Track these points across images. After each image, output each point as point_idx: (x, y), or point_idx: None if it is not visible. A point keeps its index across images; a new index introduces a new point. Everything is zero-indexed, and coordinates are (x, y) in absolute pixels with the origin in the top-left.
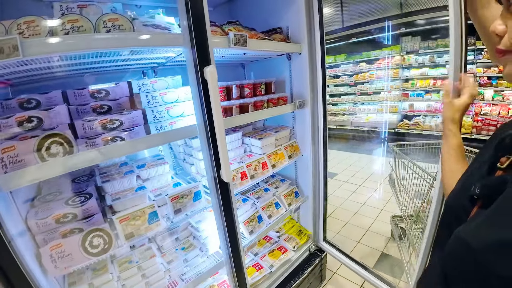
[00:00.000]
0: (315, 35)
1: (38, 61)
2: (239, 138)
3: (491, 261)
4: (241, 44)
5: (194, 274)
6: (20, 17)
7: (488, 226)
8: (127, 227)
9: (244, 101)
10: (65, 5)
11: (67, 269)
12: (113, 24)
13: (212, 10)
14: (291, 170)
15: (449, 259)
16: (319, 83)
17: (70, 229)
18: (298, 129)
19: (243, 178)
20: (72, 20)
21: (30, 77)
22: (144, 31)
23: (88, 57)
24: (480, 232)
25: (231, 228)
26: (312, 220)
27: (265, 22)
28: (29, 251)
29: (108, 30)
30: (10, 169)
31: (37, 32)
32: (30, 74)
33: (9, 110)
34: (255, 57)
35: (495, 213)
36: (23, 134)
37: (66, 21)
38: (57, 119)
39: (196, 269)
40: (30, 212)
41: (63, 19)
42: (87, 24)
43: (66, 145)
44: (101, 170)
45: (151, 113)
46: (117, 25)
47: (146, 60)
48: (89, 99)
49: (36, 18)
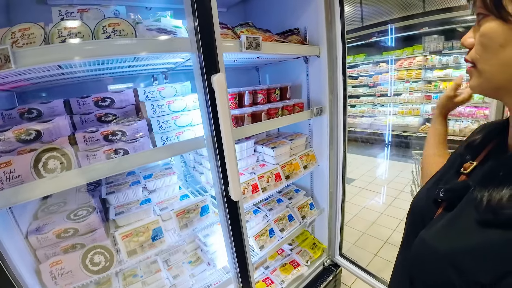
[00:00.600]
0: (336, 36)
1: (41, 69)
2: (251, 146)
3: (460, 265)
4: (254, 48)
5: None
6: (15, 25)
7: (452, 229)
8: (130, 243)
9: (256, 108)
10: (65, 10)
11: (68, 286)
12: (114, 30)
13: (225, 11)
14: (306, 179)
15: (415, 262)
16: (339, 88)
17: (72, 244)
18: (315, 137)
19: (254, 191)
20: (70, 27)
21: (37, 84)
22: (148, 36)
23: (92, 64)
24: (445, 235)
25: (239, 247)
26: (328, 233)
27: (281, 23)
28: (29, 267)
29: (108, 36)
30: (6, 186)
31: (32, 40)
32: (36, 82)
33: (9, 120)
34: (270, 60)
35: (457, 216)
36: (22, 147)
37: (63, 28)
38: (56, 131)
39: (203, 282)
40: (32, 225)
41: (59, 26)
42: (86, 30)
43: (64, 160)
44: (108, 179)
45: (156, 123)
46: (118, 30)
47: (154, 66)
48: (93, 108)
49: (31, 25)
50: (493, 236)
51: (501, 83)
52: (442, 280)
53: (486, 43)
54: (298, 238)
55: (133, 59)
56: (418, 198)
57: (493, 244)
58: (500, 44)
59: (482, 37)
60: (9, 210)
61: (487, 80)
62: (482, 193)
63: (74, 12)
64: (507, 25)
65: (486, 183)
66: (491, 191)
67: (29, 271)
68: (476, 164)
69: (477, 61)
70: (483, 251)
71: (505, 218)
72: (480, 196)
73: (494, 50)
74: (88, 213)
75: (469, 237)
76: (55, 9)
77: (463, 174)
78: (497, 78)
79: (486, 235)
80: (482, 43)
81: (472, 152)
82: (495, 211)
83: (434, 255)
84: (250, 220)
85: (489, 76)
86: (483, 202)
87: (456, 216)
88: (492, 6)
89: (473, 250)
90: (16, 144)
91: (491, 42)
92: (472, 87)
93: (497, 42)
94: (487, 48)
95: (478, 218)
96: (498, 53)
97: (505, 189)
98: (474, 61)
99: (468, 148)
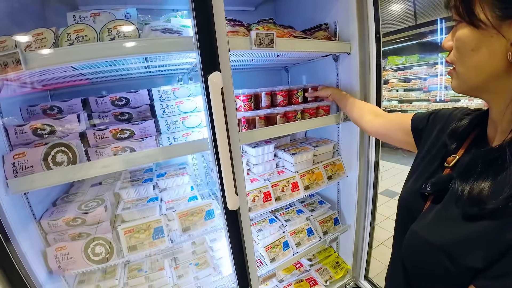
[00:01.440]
0: (368, 31)
1: (63, 69)
2: (271, 150)
3: (451, 254)
4: (266, 45)
5: None
6: (31, 30)
7: (441, 221)
8: (131, 239)
9: (271, 111)
10: (78, 14)
11: (69, 271)
12: (118, 31)
13: (253, 10)
14: (333, 191)
15: (408, 253)
16: (372, 89)
17: (79, 233)
18: (344, 145)
19: (266, 199)
20: (78, 30)
21: (68, 84)
22: (151, 36)
23: (106, 65)
24: (436, 227)
25: (239, 258)
26: (353, 253)
27: (310, 19)
28: (37, 249)
29: (112, 38)
30: (20, 174)
31: (43, 44)
32: (65, 81)
33: (33, 115)
34: (296, 59)
35: (444, 209)
36: (38, 140)
37: (71, 31)
38: (68, 127)
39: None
40: (48, 211)
41: (68, 29)
42: (92, 33)
43: (71, 154)
44: (127, 174)
45: (165, 123)
46: (123, 32)
47: (175, 67)
48: (110, 107)
49: (45, 30)
50: (481, 226)
51: (476, 83)
52: (435, 268)
53: (460, 47)
54: (320, 254)
55: (143, 60)
56: (405, 193)
57: (482, 233)
58: (472, 48)
59: (457, 42)
60: (24, 196)
61: (464, 82)
62: (463, 185)
63: (87, 17)
64: (479, 31)
65: (466, 176)
66: (471, 184)
67: (36, 253)
68: (458, 157)
69: (455, 63)
70: (473, 240)
71: (488, 212)
72: (461, 189)
73: (467, 54)
74: (96, 205)
75: (459, 228)
76: (69, 14)
77: (447, 168)
78: (472, 79)
79: (475, 226)
80: (457, 47)
81: (457, 140)
82: (478, 204)
83: (427, 246)
84: (264, 229)
85: (465, 77)
86: (465, 194)
87: (444, 208)
88: (465, 13)
89: (464, 240)
90: (33, 138)
91: (465, 46)
92: (454, 87)
93: (470, 46)
94: (461, 52)
95: (464, 210)
96: (471, 56)
97: (484, 182)
98: (453, 63)
99: (452, 136)
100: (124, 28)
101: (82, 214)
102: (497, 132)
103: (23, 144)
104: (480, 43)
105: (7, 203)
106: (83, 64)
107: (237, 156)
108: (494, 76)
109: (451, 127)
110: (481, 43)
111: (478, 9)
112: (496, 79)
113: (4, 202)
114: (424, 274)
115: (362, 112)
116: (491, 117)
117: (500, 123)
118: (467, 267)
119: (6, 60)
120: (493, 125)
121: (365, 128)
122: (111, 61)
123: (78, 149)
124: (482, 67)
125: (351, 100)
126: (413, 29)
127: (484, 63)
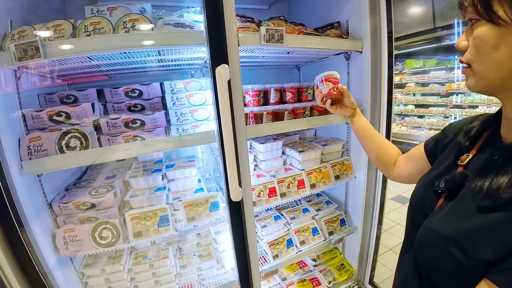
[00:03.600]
0: (381, 30)
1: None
2: (279, 147)
3: (463, 245)
4: (276, 41)
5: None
6: (50, 21)
7: (455, 216)
8: (137, 225)
9: (279, 107)
10: (96, 8)
11: (76, 252)
12: (133, 25)
13: (266, 8)
14: (340, 191)
15: (420, 248)
16: (383, 89)
17: (87, 216)
18: (353, 145)
19: (271, 195)
20: (95, 22)
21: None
22: (164, 30)
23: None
24: (449, 221)
25: (241, 251)
26: (359, 256)
27: (323, 18)
28: (46, 230)
29: (127, 31)
30: (34, 157)
31: (62, 34)
32: (82, 73)
33: (51, 103)
34: (308, 57)
35: (459, 204)
36: (54, 126)
37: (88, 24)
38: (83, 115)
39: (212, 280)
40: (60, 194)
41: (86, 22)
42: (108, 26)
43: (84, 140)
44: (138, 164)
45: (174, 115)
46: (137, 25)
47: (188, 61)
48: (124, 98)
49: (64, 21)
50: (495, 218)
51: (494, 81)
52: (448, 262)
53: (479, 45)
54: (325, 255)
55: (156, 53)
56: (418, 191)
57: (496, 224)
58: (492, 45)
59: (476, 40)
60: (37, 178)
61: (482, 79)
62: (481, 181)
63: (104, 10)
64: (498, 28)
65: (484, 172)
66: (491, 179)
67: (45, 233)
68: (471, 156)
69: (471, 62)
70: (487, 231)
71: (504, 202)
72: (480, 185)
73: (487, 51)
74: (106, 191)
75: (472, 220)
76: (87, 8)
77: (461, 166)
78: (491, 76)
79: (489, 218)
80: (475, 45)
81: (470, 139)
82: (494, 197)
83: (440, 239)
84: (268, 225)
85: (484, 75)
86: (483, 189)
87: (458, 204)
88: (484, 11)
89: (478, 231)
90: (49, 123)
91: (484, 44)
92: (470, 86)
93: (489, 44)
94: (481, 50)
95: (479, 204)
96: (490, 54)
97: (504, 176)
98: (469, 62)
99: (466, 136)
100: (139, 21)
101: (92, 199)
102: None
103: (39, 129)
104: (500, 40)
105: (21, 184)
106: (98, 55)
107: (242, 148)
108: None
109: (465, 128)
110: (501, 40)
111: (497, 6)
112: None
113: (18, 183)
114: (436, 269)
115: (386, 159)
116: (506, 116)
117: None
118: (479, 259)
119: (25, 48)
120: (508, 123)
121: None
122: (125, 53)
123: (91, 136)
124: (502, 64)
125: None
126: (431, 32)
127: (504, 59)
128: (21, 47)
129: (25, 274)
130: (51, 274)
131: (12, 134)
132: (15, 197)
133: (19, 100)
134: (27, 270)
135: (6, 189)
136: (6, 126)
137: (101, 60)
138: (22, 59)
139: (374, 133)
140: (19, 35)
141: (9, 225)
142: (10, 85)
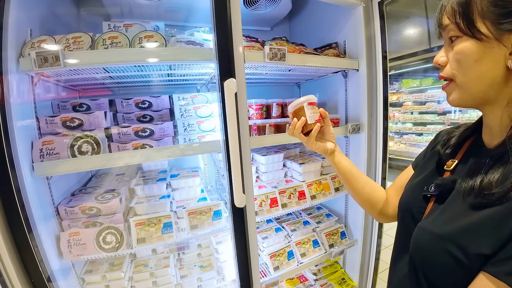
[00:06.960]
0: (376, 49)
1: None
2: (280, 160)
3: (461, 243)
4: (278, 59)
5: None
6: (70, 33)
7: (448, 215)
8: (141, 231)
9: (281, 120)
10: (113, 24)
11: (79, 256)
12: (148, 41)
13: (269, 30)
14: (340, 204)
15: (417, 250)
16: (379, 105)
17: (93, 221)
18: (352, 158)
19: (272, 205)
20: (113, 36)
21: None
22: (177, 46)
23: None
24: (443, 221)
25: (243, 259)
26: (359, 270)
27: (322, 39)
28: (51, 232)
29: (142, 46)
30: (46, 159)
31: (81, 46)
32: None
33: (64, 110)
34: (308, 75)
35: (450, 205)
36: (66, 131)
37: (107, 38)
38: (95, 122)
39: None
40: (66, 199)
41: (104, 36)
42: (124, 40)
43: (95, 146)
44: (143, 173)
45: (182, 125)
46: (152, 41)
47: (195, 76)
48: (134, 109)
49: (83, 34)
50: (489, 213)
51: (478, 93)
52: (447, 261)
53: (462, 59)
54: (326, 269)
55: (168, 67)
56: (404, 196)
57: (489, 219)
58: (475, 59)
59: (458, 55)
60: (46, 181)
61: (466, 92)
62: (471, 181)
63: (120, 26)
64: (481, 43)
65: (473, 174)
66: (481, 178)
67: (50, 236)
68: (457, 161)
69: (454, 76)
70: (481, 226)
71: (496, 198)
72: (471, 184)
73: (470, 65)
74: (112, 197)
75: (467, 219)
76: (105, 23)
77: (447, 171)
78: (474, 89)
79: (482, 214)
80: (458, 60)
81: (452, 147)
82: (486, 194)
83: (436, 239)
84: (269, 237)
85: (467, 88)
86: (475, 188)
87: (450, 205)
88: (466, 28)
89: (473, 228)
90: (62, 129)
91: (468, 58)
92: (453, 100)
93: (472, 58)
94: (464, 64)
95: (472, 203)
96: (474, 67)
97: (494, 174)
98: (451, 77)
99: (446, 145)
100: (153, 38)
101: (98, 204)
102: (494, 136)
103: (51, 133)
104: (482, 54)
105: (31, 186)
106: (114, 67)
107: (246, 157)
108: (494, 84)
109: (444, 137)
110: (484, 54)
111: (480, 24)
112: (496, 86)
113: (29, 184)
114: (435, 270)
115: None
116: (487, 123)
117: (498, 126)
118: (476, 254)
119: (46, 56)
120: (489, 130)
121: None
122: (139, 67)
123: (102, 142)
124: (484, 77)
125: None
126: (428, 52)
127: (486, 72)
128: (42, 54)
129: (28, 276)
130: (53, 277)
131: (26, 137)
132: (25, 198)
133: (34, 105)
134: (31, 272)
135: (17, 190)
136: (21, 128)
137: (115, 72)
138: (42, 66)
139: (359, 173)
140: (39, 44)
141: (17, 225)
142: (27, 90)
